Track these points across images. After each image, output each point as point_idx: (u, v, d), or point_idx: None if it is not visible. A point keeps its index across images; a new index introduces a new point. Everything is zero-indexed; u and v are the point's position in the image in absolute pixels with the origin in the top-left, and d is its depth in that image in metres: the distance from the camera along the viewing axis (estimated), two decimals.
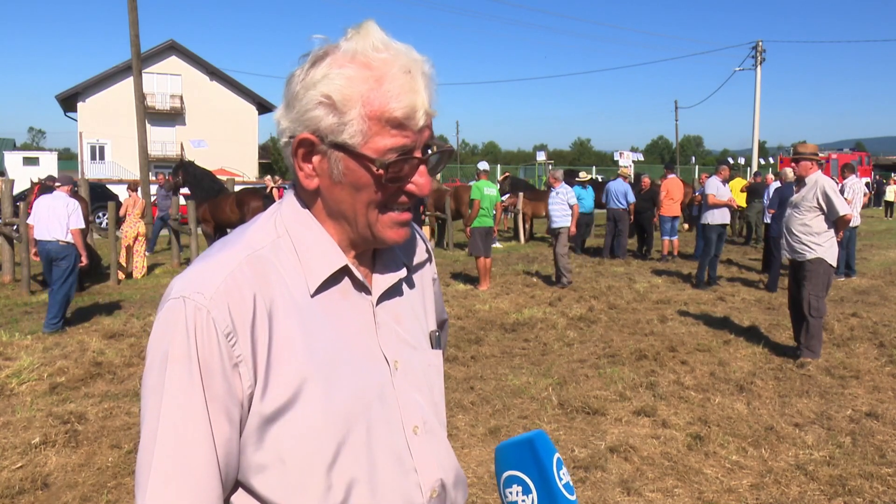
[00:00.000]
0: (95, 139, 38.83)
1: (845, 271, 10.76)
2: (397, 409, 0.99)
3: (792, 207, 6.09)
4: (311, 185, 0.95)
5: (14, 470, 3.81)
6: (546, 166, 33.68)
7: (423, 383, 1.04)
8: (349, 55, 0.90)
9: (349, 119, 0.89)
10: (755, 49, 31.76)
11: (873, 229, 20.12)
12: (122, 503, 3.48)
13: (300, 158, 0.94)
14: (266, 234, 0.96)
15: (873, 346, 6.48)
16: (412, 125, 0.90)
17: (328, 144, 0.91)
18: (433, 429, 1.04)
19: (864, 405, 4.84)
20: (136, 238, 11.47)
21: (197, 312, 0.86)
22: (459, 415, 4.68)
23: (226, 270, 0.90)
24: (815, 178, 5.95)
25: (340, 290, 0.98)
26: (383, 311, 1.01)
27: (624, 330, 7.27)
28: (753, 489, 3.61)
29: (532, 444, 0.99)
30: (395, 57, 0.90)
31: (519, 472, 1.00)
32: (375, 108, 0.88)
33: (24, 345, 6.46)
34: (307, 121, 0.91)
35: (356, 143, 0.90)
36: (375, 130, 0.89)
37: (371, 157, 0.90)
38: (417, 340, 1.06)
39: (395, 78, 0.88)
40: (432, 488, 1.00)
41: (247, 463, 0.90)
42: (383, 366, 0.99)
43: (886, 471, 3.79)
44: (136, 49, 17.10)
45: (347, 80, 0.88)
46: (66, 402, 4.90)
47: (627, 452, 4.01)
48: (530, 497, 0.98)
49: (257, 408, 0.89)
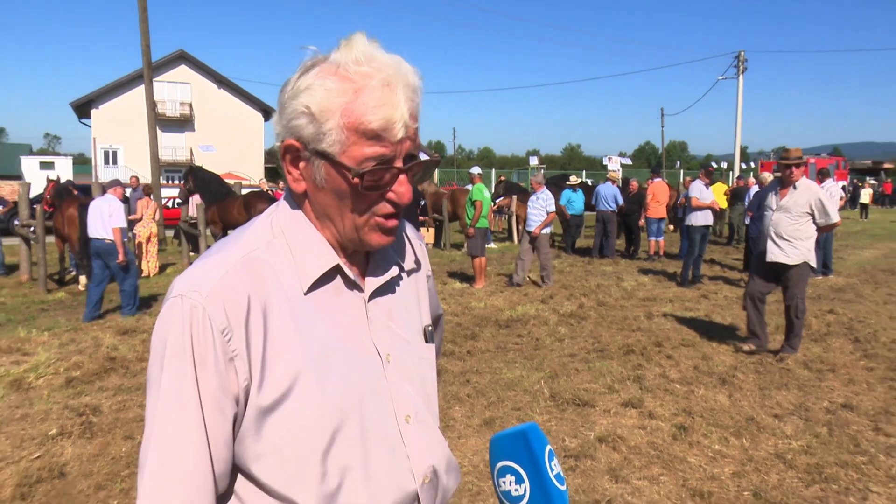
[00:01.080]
0: (109, 144, 38.75)
1: (822, 270, 10.79)
2: (390, 400, 0.99)
3: (781, 211, 5.84)
4: (299, 188, 0.96)
5: (32, 460, 3.81)
6: (538, 170, 33.67)
7: (415, 375, 1.05)
8: (333, 67, 0.90)
9: (328, 129, 0.89)
10: (737, 59, 31.77)
11: (849, 230, 20.16)
12: (135, 491, 3.48)
13: (288, 163, 0.95)
14: (262, 236, 0.97)
15: (849, 341, 6.50)
16: (390, 136, 0.90)
17: (311, 151, 0.92)
18: (425, 418, 1.05)
19: (839, 397, 4.86)
20: (149, 238, 11.45)
21: (193, 310, 0.87)
22: (456, 406, 4.69)
23: (221, 270, 0.91)
24: (806, 183, 5.84)
25: (333, 288, 0.98)
26: (376, 308, 1.02)
27: (612, 326, 7.28)
28: (735, 477, 3.62)
29: (525, 436, 1.00)
30: (377, 70, 0.89)
31: (512, 463, 1.00)
32: (352, 119, 0.88)
33: (41, 341, 6.45)
34: (292, 128, 0.92)
35: (335, 152, 0.90)
36: (353, 140, 0.90)
37: (347, 166, 0.90)
38: (410, 335, 1.06)
39: (373, 90, 0.88)
40: (424, 474, 1.01)
41: (247, 453, 0.91)
42: (375, 359, 0.99)
43: (860, 459, 3.81)
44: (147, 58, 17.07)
45: (326, 92, 0.89)
46: (82, 396, 4.90)
47: (615, 442, 4.02)
48: (523, 486, 0.98)
49: (254, 401, 0.89)
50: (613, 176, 14.07)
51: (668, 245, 14.32)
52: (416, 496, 1.00)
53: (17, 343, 6.31)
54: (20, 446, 3.99)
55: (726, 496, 3.39)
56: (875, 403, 4.72)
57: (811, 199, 5.72)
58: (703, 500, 3.35)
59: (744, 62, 31.65)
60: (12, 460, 3.80)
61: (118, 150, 39.09)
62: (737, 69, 31.71)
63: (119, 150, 39.08)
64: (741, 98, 31.56)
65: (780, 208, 5.84)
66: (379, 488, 0.95)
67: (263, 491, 0.92)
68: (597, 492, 3.42)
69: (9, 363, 5.67)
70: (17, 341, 6.38)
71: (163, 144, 32.12)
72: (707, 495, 3.39)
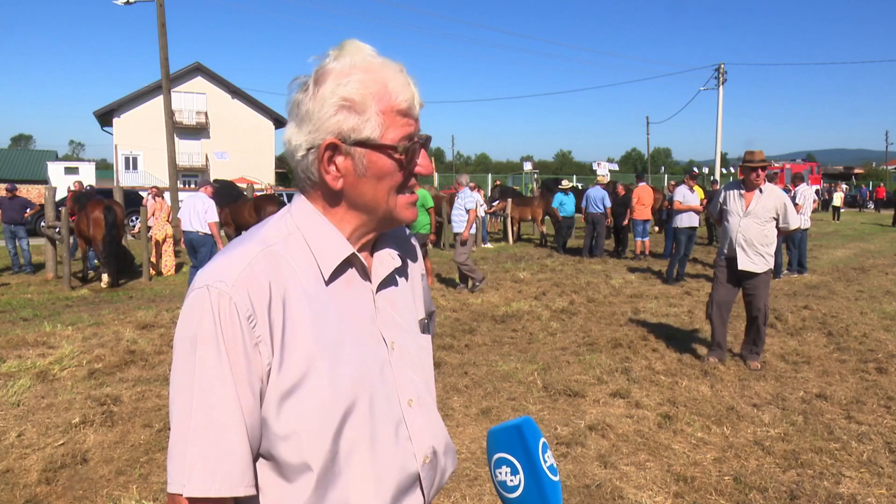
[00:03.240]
0: (129, 151, 38.69)
1: (798, 268, 10.79)
2: (394, 385, 1.00)
3: (749, 217, 5.23)
4: (338, 185, 0.96)
5: (56, 447, 3.80)
6: (532, 175, 33.64)
7: (416, 362, 1.05)
8: (349, 66, 0.93)
9: (368, 116, 0.92)
10: (718, 71, 31.76)
11: (822, 231, 20.17)
12: (154, 476, 3.47)
13: (325, 162, 0.94)
14: (279, 232, 0.97)
15: (822, 335, 6.49)
16: (413, 114, 0.96)
17: (351, 143, 0.93)
18: (426, 402, 1.05)
19: (814, 387, 4.85)
20: (165, 239, 11.43)
21: (220, 298, 0.87)
22: (455, 397, 4.67)
23: (244, 261, 0.91)
24: (770, 186, 5.30)
25: (345, 280, 0.99)
26: (381, 299, 1.02)
27: (601, 321, 7.27)
28: (716, 462, 3.61)
29: (520, 429, 0.99)
30: (386, 61, 0.95)
31: (508, 455, 0.99)
32: (386, 103, 0.93)
33: (65, 335, 6.43)
34: (329, 127, 0.92)
35: (376, 137, 0.93)
36: (389, 122, 0.93)
37: (392, 146, 0.94)
38: (410, 325, 1.07)
39: (395, 76, 0.94)
40: (425, 455, 1.01)
41: (266, 433, 0.91)
42: (382, 346, 1.00)
43: (834, 446, 3.80)
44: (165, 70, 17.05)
45: (360, 84, 0.92)
46: (103, 386, 4.88)
47: (604, 430, 4.01)
48: (518, 477, 0.98)
49: (275, 383, 0.89)
50: (602, 180, 14.04)
51: (654, 245, 14.31)
52: (418, 476, 1.00)
53: (43, 337, 6.30)
54: (45, 434, 3.98)
55: (708, 481, 3.38)
56: (847, 393, 4.72)
57: (777, 203, 5.21)
58: (686, 484, 3.34)
59: (724, 74, 31.65)
60: (38, 447, 3.79)
61: (138, 156, 39.04)
62: (717, 80, 31.70)
63: (139, 156, 39.02)
64: (721, 107, 31.56)
65: (747, 214, 5.24)
66: (384, 468, 0.95)
67: (277, 469, 0.92)
68: (587, 477, 3.41)
69: (35, 356, 5.65)
70: (43, 335, 6.36)
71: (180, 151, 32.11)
72: (690, 480, 3.38)
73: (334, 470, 0.91)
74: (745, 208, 5.26)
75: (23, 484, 3.36)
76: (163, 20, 16.83)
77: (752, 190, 5.28)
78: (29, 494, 3.25)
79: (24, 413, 4.33)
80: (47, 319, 7.20)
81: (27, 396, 4.65)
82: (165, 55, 16.87)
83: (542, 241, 16.71)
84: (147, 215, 11.42)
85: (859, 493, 3.24)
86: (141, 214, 11.54)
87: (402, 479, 0.97)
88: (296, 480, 0.91)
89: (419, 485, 1.00)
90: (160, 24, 16.81)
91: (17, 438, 3.91)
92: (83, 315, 7.50)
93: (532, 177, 33.49)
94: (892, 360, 5.54)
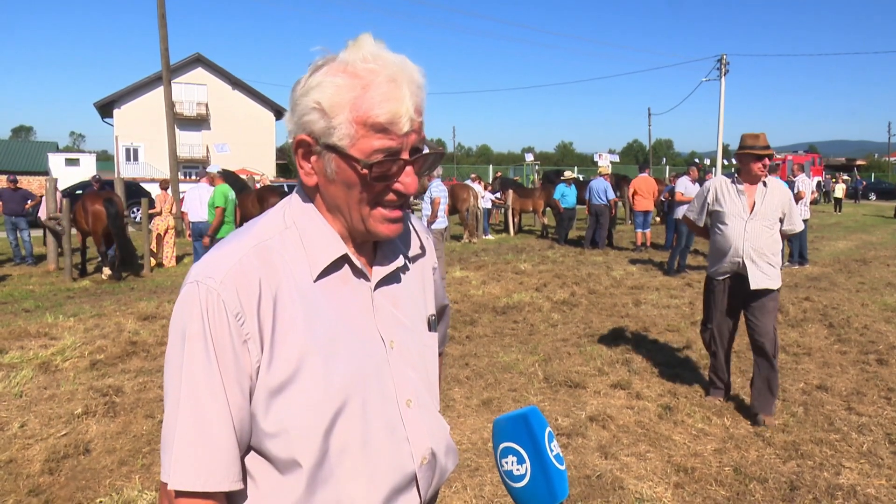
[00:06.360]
0: (130, 142, 38.65)
1: (799, 260, 10.78)
2: (392, 384, 0.98)
3: (755, 219, 4.04)
4: (311, 181, 0.95)
5: (59, 437, 3.81)
6: (533, 166, 33.56)
7: (417, 362, 1.04)
8: (342, 65, 0.90)
9: (337, 123, 0.89)
10: (720, 62, 31.62)
11: (824, 223, 20.14)
12: (156, 466, 3.49)
13: (300, 157, 0.94)
14: (274, 226, 0.96)
15: (823, 326, 6.49)
16: (396, 129, 0.89)
17: (321, 146, 0.91)
18: (426, 402, 1.03)
19: (815, 379, 4.86)
20: (167, 231, 11.43)
21: (209, 295, 0.87)
22: (456, 388, 4.68)
23: (235, 258, 0.90)
24: (775, 181, 4.18)
25: (341, 277, 0.97)
26: (381, 296, 1.01)
27: (602, 312, 7.27)
28: (717, 453, 3.62)
29: (526, 418, 0.98)
30: (383, 67, 0.89)
31: (514, 444, 0.99)
32: (361, 113, 0.88)
33: (67, 326, 6.45)
34: (304, 124, 0.91)
35: (344, 145, 0.89)
36: (361, 134, 0.89)
37: (356, 158, 0.89)
38: (414, 323, 1.05)
39: (380, 86, 0.88)
40: (423, 456, 0.99)
41: (255, 429, 0.91)
42: (379, 345, 0.98)
43: (834, 437, 3.81)
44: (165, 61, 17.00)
45: (336, 88, 0.88)
46: (105, 377, 4.90)
47: (605, 421, 4.02)
48: (524, 466, 0.97)
49: (264, 381, 0.89)
50: (604, 171, 14.00)
51: (655, 236, 14.29)
52: (415, 476, 0.99)
53: (45, 328, 6.31)
54: (48, 424, 3.99)
55: (709, 471, 3.39)
56: (847, 385, 4.72)
57: (784, 200, 4.08)
58: (686, 475, 3.35)
59: (726, 65, 31.52)
60: (41, 437, 3.80)
61: (139, 147, 39.00)
62: (719, 71, 31.58)
63: (140, 147, 38.98)
64: (723, 98, 31.45)
65: (753, 216, 4.05)
66: (377, 468, 0.94)
67: (269, 462, 0.92)
68: (588, 467, 3.42)
69: (37, 347, 5.66)
70: (45, 326, 6.37)
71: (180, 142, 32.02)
72: (690, 471, 3.39)
73: (325, 468, 0.91)
74: (750, 208, 4.09)
75: (26, 474, 3.37)
76: (163, 11, 16.75)
77: (755, 184, 4.11)
78: (32, 484, 3.27)
79: (26, 404, 4.34)
80: (49, 310, 7.21)
81: (29, 387, 4.66)
82: (166, 46, 16.81)
83: (544, 232, 16.70)
84: (157, 207, 11.42)
85: (859, 483, 3.24)
86: (143, 206, 11.53)
87: (397, 479, 0.96)
88: (287, 474, 0.91)
89: (415, 485, 1.00)
90: (160, 14, 16.74)
91: (20, 429, 3.92)
92: (85, 306, 7.51)
93: (533, 168, 33.41)
94: (893, 351, 5.54)
